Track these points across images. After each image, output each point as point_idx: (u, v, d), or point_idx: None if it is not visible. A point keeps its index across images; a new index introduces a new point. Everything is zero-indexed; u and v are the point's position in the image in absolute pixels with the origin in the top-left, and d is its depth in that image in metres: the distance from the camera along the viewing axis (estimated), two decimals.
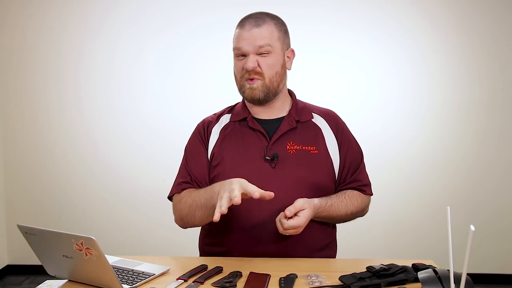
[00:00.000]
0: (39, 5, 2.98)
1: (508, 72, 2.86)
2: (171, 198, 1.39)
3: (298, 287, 1.07)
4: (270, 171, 1.30)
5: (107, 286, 1.05)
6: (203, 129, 1.42)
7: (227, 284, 1.06)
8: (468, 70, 2.87)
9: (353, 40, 2.88)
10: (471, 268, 0.90)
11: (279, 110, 1.39)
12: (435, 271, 1.02)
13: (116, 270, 1.15)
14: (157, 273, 1.14)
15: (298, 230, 1.20)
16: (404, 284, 1.07)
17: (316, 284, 1.08)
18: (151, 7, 2.94)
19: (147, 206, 2.97)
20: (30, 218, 3.06)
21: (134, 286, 1.07)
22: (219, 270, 1.16)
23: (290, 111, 1.39)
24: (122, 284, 1.06)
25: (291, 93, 1.45)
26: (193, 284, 1.09)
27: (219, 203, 1.09)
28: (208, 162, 1.37)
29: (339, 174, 1.38)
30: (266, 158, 1.32)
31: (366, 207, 1.43)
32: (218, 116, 1.44)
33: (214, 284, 1.09)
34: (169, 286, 1.08)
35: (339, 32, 2.88)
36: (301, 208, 1.19)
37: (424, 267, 1.09)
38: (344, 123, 1.45)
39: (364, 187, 1.41)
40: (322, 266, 1.23)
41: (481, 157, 2.90)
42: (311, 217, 1.23)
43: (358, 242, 2.72)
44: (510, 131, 2.89)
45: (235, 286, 1.07)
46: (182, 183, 1.37)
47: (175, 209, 1.36)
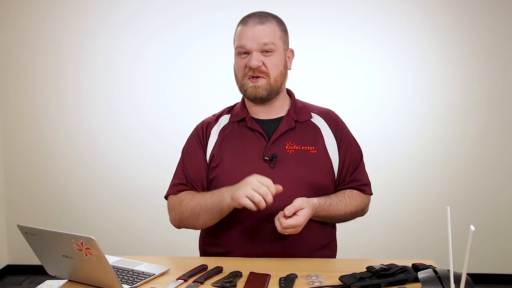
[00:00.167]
0: (39, 5, 2.98)
1: (508, 72, 2.86)
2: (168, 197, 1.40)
3: (298, 287, 1.07)
4: (269, 171, 1.30)
5: (107, 286, 1.05)
6: (202, 131, 1.42)
7: (227, 284, 1.06)
8: (468, 70, 2.87)
9: (353, 40, 2.88)
10: (471, 268, 0.90)
11: (278, 110, 1.39)
12: (435, 271, 1.02)
13: (116, 270, 1.15)
14: (157, 273, 1.14)
15: (297, 230, 1.19)
16: (404, 284, 1.07)
17: (316, 284, 1.08)
18: (151, 7, 2.94)
19: (147, 206, 2.97)
20: (30, 218, 3.06)
21: (134, 286, 1.07)
22: (219, 270, 1.16)
23: (289, 111, 1.39)
24: (122, 284, 1.06)
25: (289, 93, 1.45)
26: (193, 284, 1.09)
27: (263, 193, 1.14)
28: (206, 164, 1.37)
29: (338, 173, 1.38)
30: (265, 158, 1.32)
31: (366, 206, 1.43)
32: (217, 117, 1.44)
33: (214, 284, 1.09)
34: (169, 286, 1.08)
35: (339, 32, 2.88)
36: (300, 208, 1.19)
37: (424, 267, 1.09)
38: (344, 123, 1.45)
39: (364, 187, 1.41)
40: (322, 266, 1.23)
41: (481, 157, 2.90)
42: (310, 216, 1.23)
43: (358, 242, 2.72)
44: (510, 131, 2.89)
45: (235, 286, 1.07)
46: (178, 185, 1.37)
47: (172, 209, 1.36)
